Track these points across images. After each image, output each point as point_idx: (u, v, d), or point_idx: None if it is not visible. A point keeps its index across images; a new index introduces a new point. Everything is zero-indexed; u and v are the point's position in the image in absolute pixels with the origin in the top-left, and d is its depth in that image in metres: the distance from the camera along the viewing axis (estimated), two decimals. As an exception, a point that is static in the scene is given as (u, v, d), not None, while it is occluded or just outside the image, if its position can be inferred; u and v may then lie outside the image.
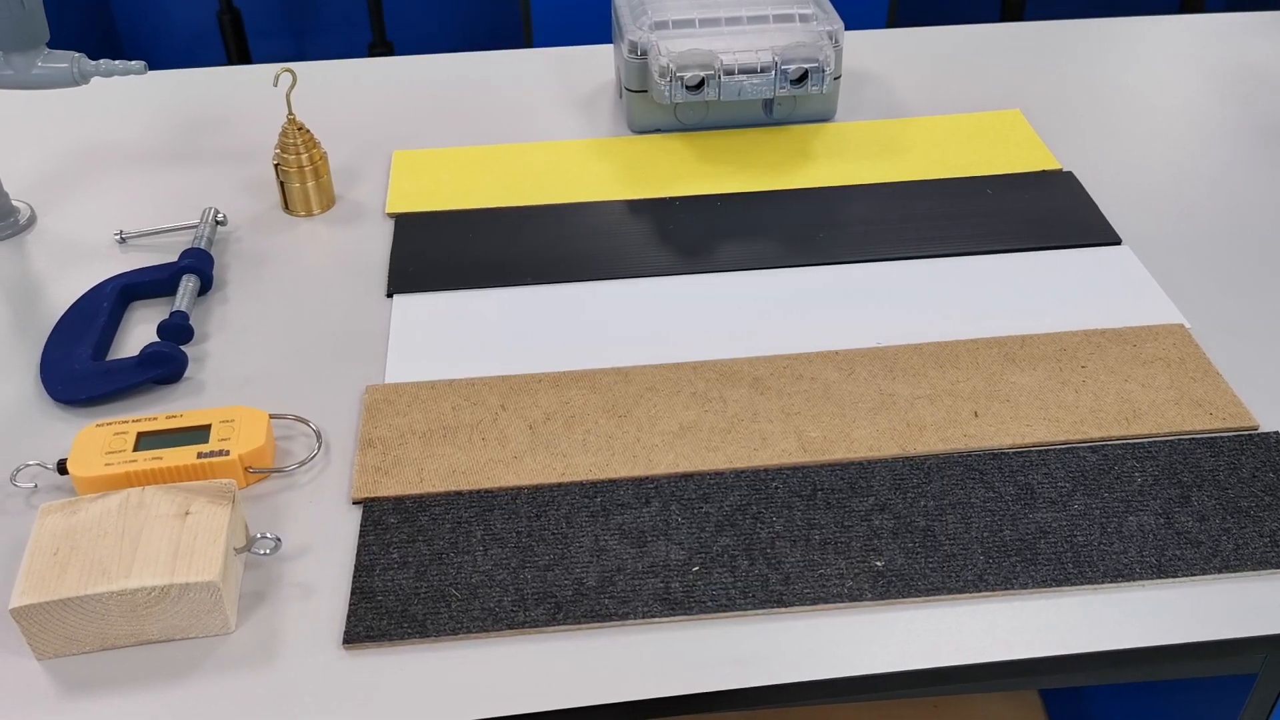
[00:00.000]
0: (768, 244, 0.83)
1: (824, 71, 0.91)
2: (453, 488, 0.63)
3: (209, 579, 0.53)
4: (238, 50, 2.17)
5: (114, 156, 0.93)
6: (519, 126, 0.98)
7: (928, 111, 0.99)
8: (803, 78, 0.91)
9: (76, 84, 0.77)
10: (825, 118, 0.98)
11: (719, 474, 0.64)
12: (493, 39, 2.33)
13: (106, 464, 0.61)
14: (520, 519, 0.61)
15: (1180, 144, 0.93)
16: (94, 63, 0.77)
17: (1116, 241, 0.82)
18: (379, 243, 0.83)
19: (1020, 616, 0.56)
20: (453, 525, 0.61)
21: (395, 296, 0.78)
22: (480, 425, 0.67)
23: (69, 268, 0.80)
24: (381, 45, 2.21)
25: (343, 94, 1.02)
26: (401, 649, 0.55)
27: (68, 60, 0.77)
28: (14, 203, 0.85)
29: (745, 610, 0.57)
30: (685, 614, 0.56)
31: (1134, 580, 0.57)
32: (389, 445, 0.66)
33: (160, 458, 0.61)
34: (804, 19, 0.95)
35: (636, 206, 0.87)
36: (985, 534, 0.60)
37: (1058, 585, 0.57)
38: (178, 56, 2.29)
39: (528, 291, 0.79)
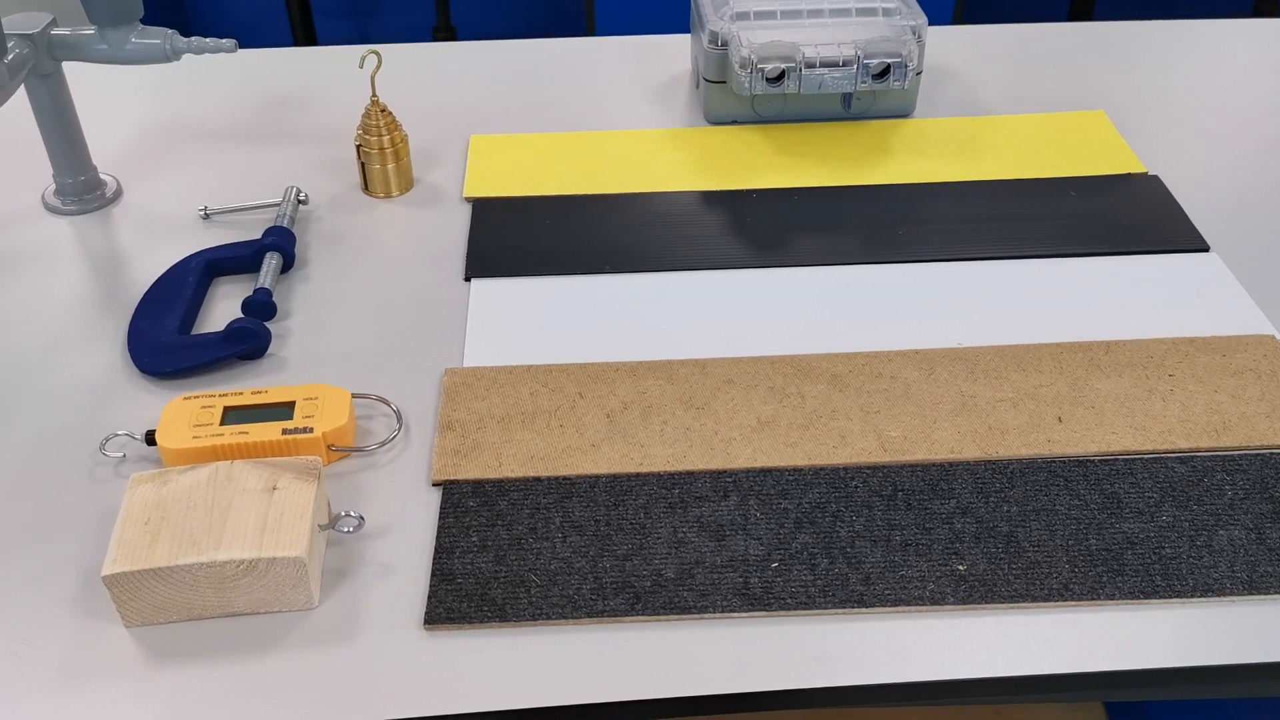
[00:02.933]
0: (845, 239, 0.82)
1: (906, 67, 0.90)
2: (531, 473, 0.63)
3: (296, 554, 0.54)
4: (303, 30, 2.19)
5: (197, 133, 0.95)
6: (594, 114, 0.98)
7: (1007, 110, 0.97)
8: (884, 72, 0.90)
9: (168, 60, 0.78)
10: (904, 113, 0.97)
11: (798, 470, 0.64)
12: (556, 25, 2.34)
13: (194, 436, 0.61)
14: (598, 507, 0.61)
15: (1269, 149, 0.91)
16: (186, 40, 0.78)
17: (1204, 248, 0.80)
18: (456, 226, 0.84)
19: (1106, 627, 0.55)
20: (531, 511, 0.61)
21: (473, 280, 0.78)
22: (558, 412, 0.67)
23: (154, 241, 0.82)
24: (445, 30, 2.22)
25: (418, 77, 1.03)
26: (481, 632, 0.56)
27: (160, 36, 0.78)
28: (101, 176, 0.87)
29: (825, 609, 0.56)
30: (765, 610, 0.56)
31: (1225, 595, 0.56)
32: (468, 429, 0.66)
33: (246, 432, 0.62)
34: (887, 13, 0.94)
35: (713, 198, 0.87)
36: (1070, 542, 0.59)
37: (1145, 598, 0.56)
38: (244, 35, 2.32)
39: (604, 280, 0.79)
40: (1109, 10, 2.28)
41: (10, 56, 0.74)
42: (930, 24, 1.00)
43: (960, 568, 0.58)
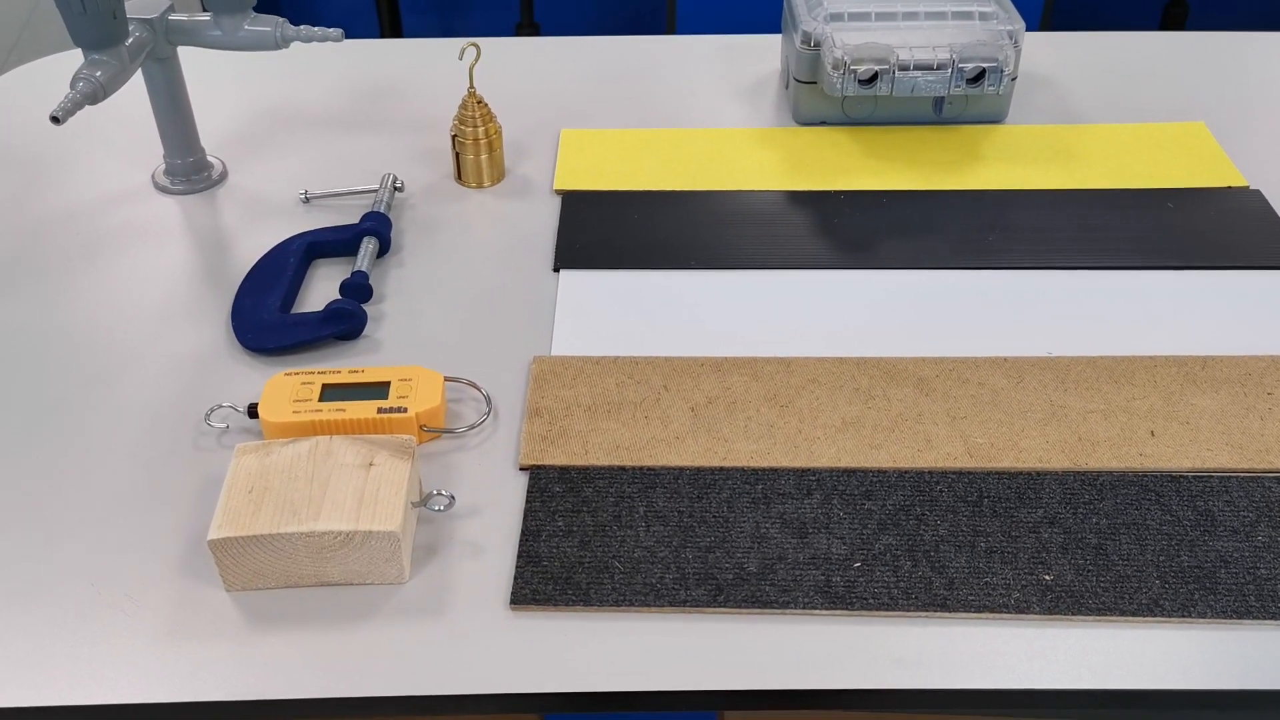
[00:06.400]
0: (935, 243, 0.81)
1: (1002, 72, 0.89)
2: (616, 462, 0.64)
3: (391, 529, 0.55)
4: (390, 24, 2.23)
5: (298, 119, 0.97)
6: (682, 112, 0.98)
7: (1102, 118, 0.96)
8: (979, 77, 0.90)
9: (278, 47, 0.80)
10: (996, 119, 0.96)
11: (882, 472, 0.64)
12: (637, 24, 2.35)
13: (294, 411, 0.63)
14: (682, 499, 0.62)
15: (1379, 169, 0.89)
16: (295, 28, 0.80)
17: (1307, 266, 0.79)
18: (546, 218, 0.85)
19: (1197, 645, 0.54)
20: (616, 499, 0.62)
21: (561, 271, 0.80)
22: (643, 404, 0.68)
23: (256, 222, 0.84)
24: (529, 26, 2.24)
25: (508, 71, 1.04)
26: (565, 614, 0.57)
27: (271, 24, 0.80)
28: (208, 158, 0.90)
29: (908, 611, 0.56)
30: (846, 608, 0.56)
31: (1321, 619, 0.55)
32: (555, 416, 0.67)
33: (343, 409, 0.64)
34: (983, 17, 0.94)
35: (800, 198, 0.87)
36: (1161, 557, 0.58)
37: (1239, 617, 0.55)
38: (332, 26, 2.36)
39: (690, 275, 0.79)
40: (1201, 22, 2.23)
41: (130, 40, 0.77)
42: (1023, 30, 0.99)
43: (1047, 577, 0.57)
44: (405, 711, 0.54)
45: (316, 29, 0.80)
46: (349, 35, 1.08)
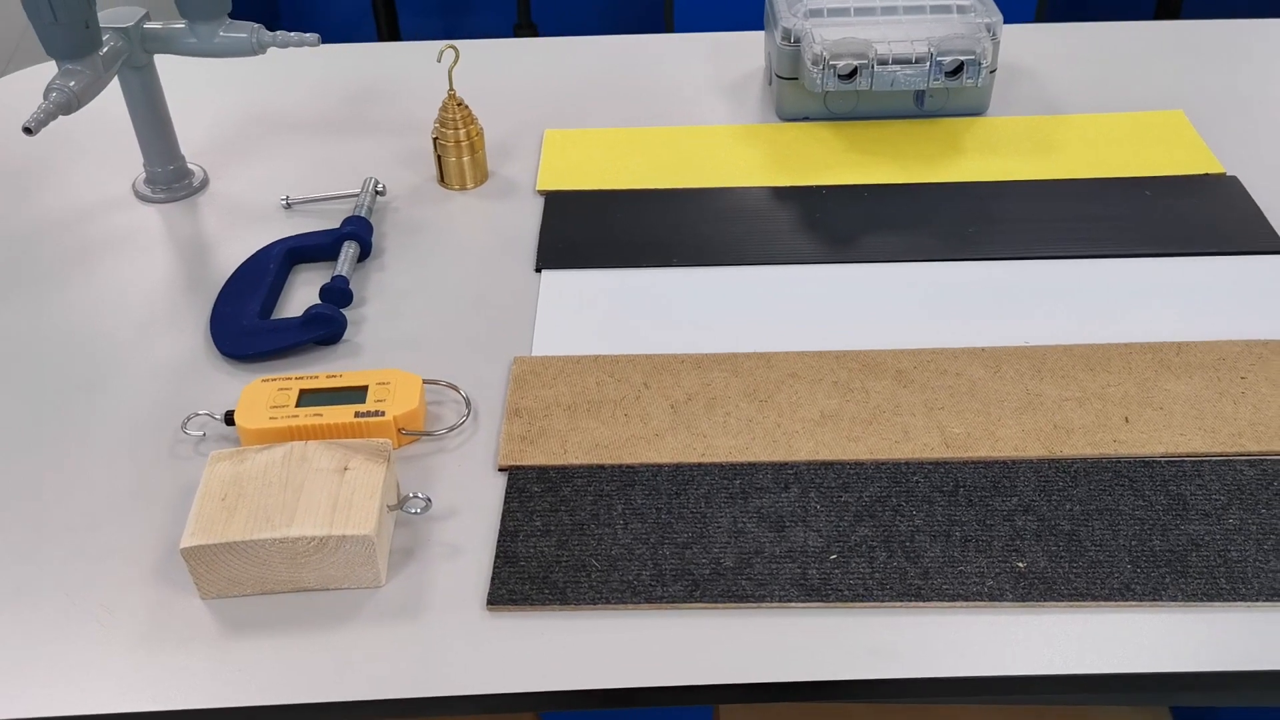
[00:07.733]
0: (916, 237, 0.82)
1: (980, 64, 0.89)
2: (595, 461, 0.65)
3: (365, 533, 0.56)
4: (389, 28, 2.23)
5: (280, 124, 0.98)
6: (667, 110, 0.98)
7: (1084, 109, 0.96)
8: (957, 70, 0.90)
9: (254, 53, 0.81)
10: (978, 111, 0.96)
11: (859, 464, 0.64)
12: (635, 23, 2.35)
13: (271, 418, 0.64)
14: (660, 496, 0.62)
15: (1360, 151, 0.89)
16: (271, 34, 0.81)
17: (1285, 250, 0.79)
18: (529, 218, 0.85)
19: (1168, 629, 0.54)
20: (594, 498, 0.62)
21: (543, 271, 0.80)
22: (623, 402, 0.68)
23: (237, 229, 0.85)
24: (526, 27, 2.25)
25: (496, 72, 1.05)
26: (542, 614, 0.57)
27: (247, 30, 0.81)
28: (189, 165, 0.90)
29: (882, 601, 0.56)
30: (822, 600, 0.57)
31: (1294, 601, 0.55)
32: (534, 416, 0.67)
33: (320, 414, 0.64)
34: (961, 10, 0.94)
35: (783, 193, 0.87)
36: (1133, 542, 0.58)
37: (1209, 600, 0.55)
38: (332, 32, 2.37)
39: (672, 273, 0.79)
40: (1197, 9, 2.22)
41: (105, 49, 0.77)
42: (1011, 22, 0.99)
43: (1020, 565, 0.57)
44: (383, 714, 0.54)
45: (293, 34, 0.81)
46: (347, 39, 1.09)
